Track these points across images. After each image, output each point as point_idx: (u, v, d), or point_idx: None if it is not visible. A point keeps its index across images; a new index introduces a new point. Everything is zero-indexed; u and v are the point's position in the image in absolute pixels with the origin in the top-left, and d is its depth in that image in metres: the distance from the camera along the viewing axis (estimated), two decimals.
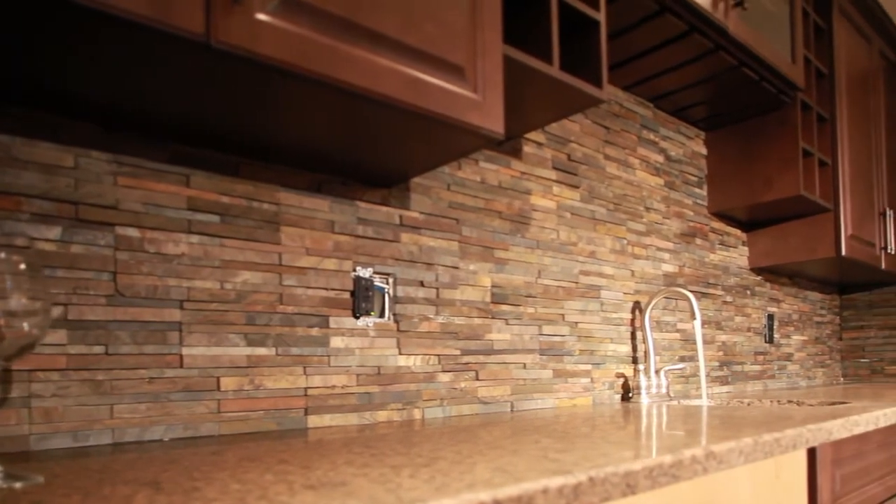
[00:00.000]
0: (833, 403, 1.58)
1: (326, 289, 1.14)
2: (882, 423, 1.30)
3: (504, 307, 1.43)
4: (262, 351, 1.06)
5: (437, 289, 1.31)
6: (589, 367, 1.65)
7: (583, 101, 1.18)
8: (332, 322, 1.15)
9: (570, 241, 1.59)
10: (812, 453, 1.13)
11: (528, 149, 1.48)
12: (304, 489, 0.54)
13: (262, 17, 0.70)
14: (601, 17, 1.16)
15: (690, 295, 1.65)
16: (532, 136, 1.49)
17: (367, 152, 1.03)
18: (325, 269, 1.14)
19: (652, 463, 0.67)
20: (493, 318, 1.41)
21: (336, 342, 1.15)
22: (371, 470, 0.63)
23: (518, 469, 0.61)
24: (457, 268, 1.34)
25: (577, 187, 1.61)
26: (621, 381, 1.75)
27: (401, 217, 1.24)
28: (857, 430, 1.19)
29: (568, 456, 0.69)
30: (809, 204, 2.02)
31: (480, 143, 0.98)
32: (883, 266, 2.49)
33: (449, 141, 0.97)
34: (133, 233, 0.92)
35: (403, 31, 0.83)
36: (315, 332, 1.13)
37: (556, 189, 1.55)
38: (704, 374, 1.92)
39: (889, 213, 2.50)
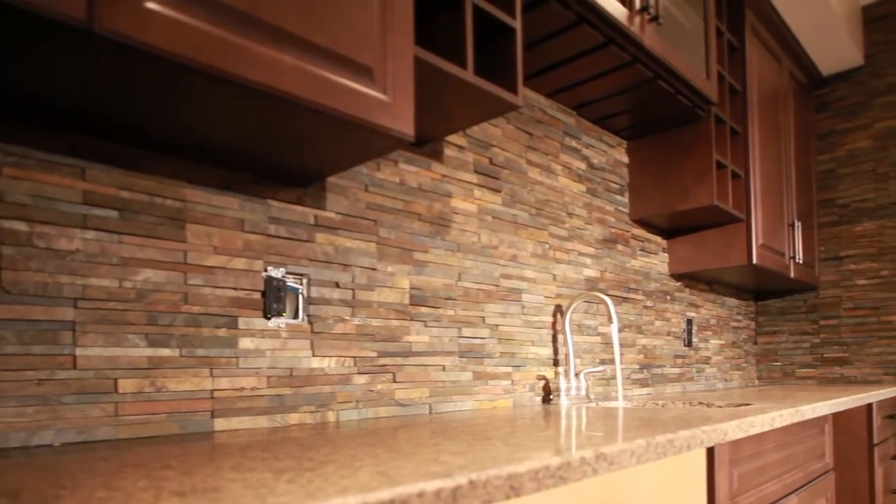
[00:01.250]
0: (739, 405, 1.65)
1: (235, 289, 1.11)
2: (777, 424, 1.36)
3: (423, 309, 1.44)
4: (164, 352, 1.03)
5: (354, 290, 1.30)
6: (509, 369, 1.67)
7: (499, 107, 1.20)
8: (242, 323, 1.12)
9: (491, 245, 1.61)
10: (711, 453, 1.18)
11: (449, 152, 1.49)
12: (171, 496, 0.52)
13: (151, 5, 0.68)
14: (517, 24, 1.18)
15: (607, 299, 1.69)
16: (453, 139, 1.50)
17: (277, 151, 1.01)
18: (235, 268, 1.11)
19: (538, 465, 0.68)
20: (411, 320, 1.41)
21: (245, 343, 1.13)
22: (253, 475, 0.61)
23: (402, 473, 0.61)
24: (374, 269, 1.33)
25: (498, 191, 1.63)
26: (542, 383, 1.78)
27: (316, 217, 1.22)
28: (753, 431, 1.24)
29: (459, 459, 0.70)
30: (723, 213, 2.11)
31: (392, 144, 0.98)
32: (792, 275, 2.63)
33: (359, 141, 0.97)
34: (20, 226, 0.88)
35: (309, 29, 0.82)
36: (223, 332, 1.10)
37: (477, 192, 1.56)
38: (621, 377, 1.98)
39: (797, 224, 2.64)
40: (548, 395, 1.79)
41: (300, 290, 1.22)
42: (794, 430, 1.60)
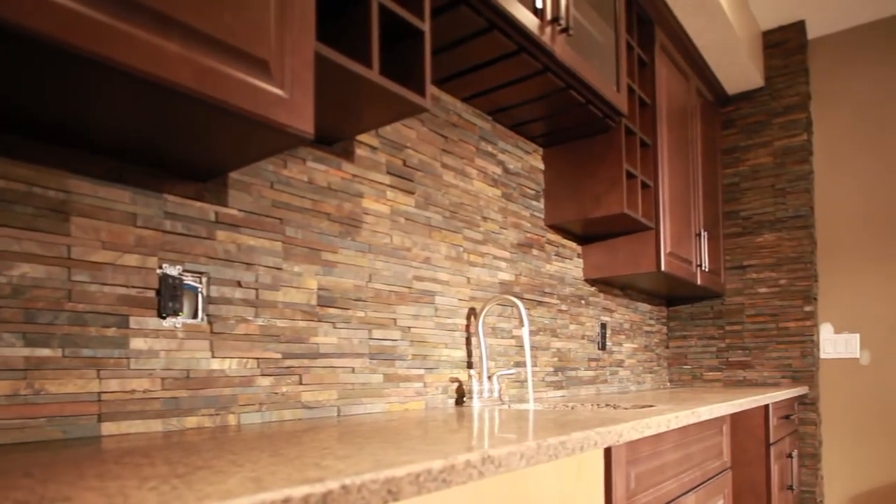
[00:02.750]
0: (643, 406, 1.71)
1: (126, 286, 1.07)
2: (674, 425, 1.41)
3: (332, 310, 1.42)
4: (44, 352, 0.97)
5: (257, 290, 1.27)
6: (422, 371, 1.67)
7: (407, 108, 1.20)
8: (133, 322, 1.08)
9: (403, 247, 1.61)
10: (608, 454, 1.20)
11: (360, 151, 1.48)
12: None
13: None
14: (426, 27, 1.19)
15: (519, 302, 1.72)
16: (365, 139, 1.49)
17: (171, 143, 0.98)
18: (126, 265, 1.06)
19: (419, 468, 0.67)
20: (319, 321, 1.39)
21: (137, 344, 1.08)
22: (115, 483, 0.59)
23: (276, 478, 0.59)
24: (280, 269, 1.31)
25: (412, 193, 1.63)
26: (455, 385, 1.79)
27: (216, 213, 1.19)
28: (649, 433, 1.28)
29: (343, 463, 0.68)
30: (633, 222, 2.20)
31: (291, 141, 0.96)
32: (699, 282, 2.76)
33: (256, 137, 0.95)
34: None
35: (198, 17, 0.80)
36: (112, 332, 1.05)
37: (390, 194, 1.56)
38: (532, 380, 2.02)
39: (704, 234, 2.78)
40: (461, 397, 1.80)
41: (199, 289, 1.18)
42: (693, 430, 1.66)
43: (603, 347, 2.63)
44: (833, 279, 3.06)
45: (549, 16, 1.51)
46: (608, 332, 2.68)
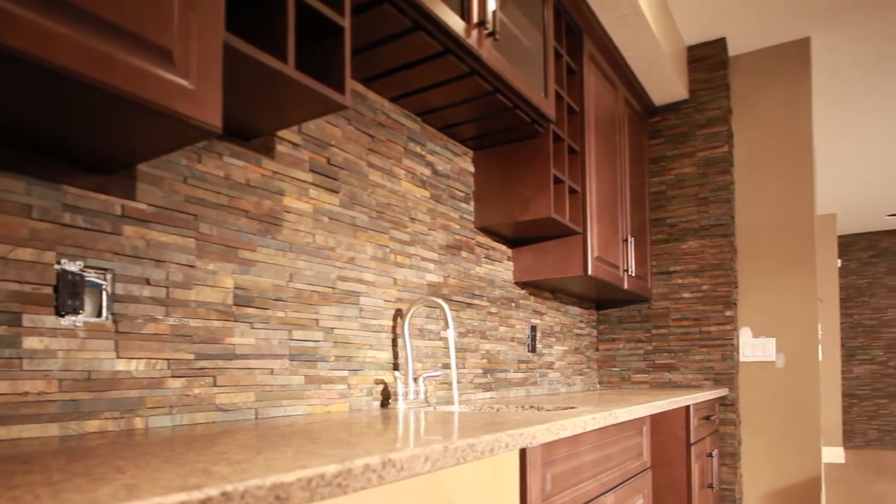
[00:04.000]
0: (566, 408, 1.73)
1: (19, 282, 1.01)
2: (590, 427, 1.42)
3: (249, 310, 1.38)
4: None
5: (168, 288, 1.22)
6: (346, 373, 1.65)
7: (326, 105, 1.18)
8: (27, 320, 1.02)
9: (327, 246, 1.58)
10: (524, 455, 1.20)
11: (281, 148, 1.45)
12: None
13: None
14: (346, 23, 1.18)
15: (444, 304, 1.73)
16: (286, 136, 1.46)
17: (69, 131, 0.93)
18: (19, 259, 1.00)
19: (311, 473, 0.65)
20: (235, 321, 1.35)
21: (31, 343, 1.02)
22: None
23: (154, 485, 0.56)
24: (193, 266, 1.26)
25: (336, 192, 1.61)
26: (381, 387, 1.77)
27: (123, 208, 1.14)
28: (564, 434, 1.28)
29: (233, 468, 0.66)
30: (561, 226, 2.24)
31: (197, 134, 0.93)
32: (626, 286, 2.84)
33: (160, 129, 0.91)
34: None
35: (94, 1, 0.76)
36: (2, 330, 0.99)
37: (313, 192, 1.54)
38: (456, 382, 2.02)
39: (631, 239, 2.86)
40: (386, 399, 1.79)
41: (103, 287, 1.13)
42: (612, 431, 1.69)
43: (533, 350, 2.66)
44: (752, 285, 3.21)
45: (475, 19, 1.52)
46: (538, 334, 2.72)
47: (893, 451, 7.61)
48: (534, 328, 2.67)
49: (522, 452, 1.20)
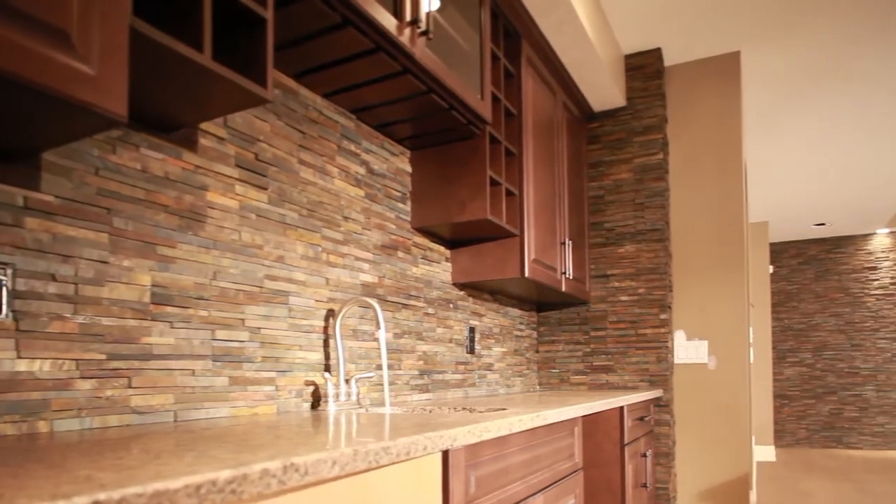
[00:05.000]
0: (498, 410, 1.73)
1: None
2: (517, 429, 1.41)
3: (169, 309, 1.33)
4: None
5: (77, 284, 1.16)
6: (273, 374, 1.61)
7: (247, 98, 1.15)
8: None
9: (254, 244, 1.54)
10: (446, 457, 1.18)
11: (205, 142, 1.41)
12: None
13: None
14: (269, 15, 1.15)
15: (375, 304, 1.71)
16: (211, 129, 1.42)
17: None
18: None
19: (200, 480, 0.61)
20: (153, 320, 1.30)
21: None
22: None
23: (22, 494, 0.51)
24: (105, 262, 1.21)
25: (265, 189, 1.57)
26: (311, 389, 1.74)
27: (25, 198, 1.08)
28: (488, 436, 1.27)
29: (117, 474, 0.62)
30: (497, 228, 2.25)
31: (100, 122, 0.89)
32: (563, 289, 2.88)
33: (60, 116, 0.87)
34: None
35: None
36: None
37: (239, 188, 1.50)
38: (388, 383, 2.01)
39: (569, 242, 2.90)
40: (317, 401, 1.76)
41: (3, 282, 1.07)
42: (542, 433, 1.70)
43: (472, 351, 2.67)
44: (685, 289, 3.30)
45: (408, 17, 1.51)
46: (477, 336, 2.73)
47: (821, 450, 7.97)
48: (472, 329, 2.67)
49: (445, 454, 1.19)
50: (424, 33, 1.55)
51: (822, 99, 3.98)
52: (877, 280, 7.92)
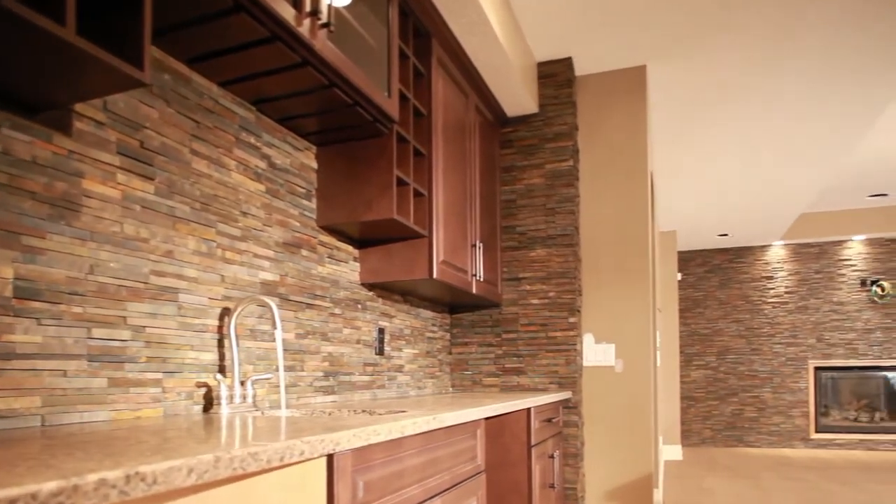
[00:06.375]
0: (397, 412, 1.70)
1: None
2: (409, 432, 1.38)
3: (35, 304, 1.23)
4: None
5: None
6: (160, 375, 1.53)
7: (122, 80, 1.08)
8: None
9: (139, 237, 1.46)
10: (331, 462, 1.14)
11: (81, 125, 1.32)
12: None
13: None
14: None
15: (272, 303, 1.65)
16: (88, 112, 1.33)
17: None
18: None
19: (18, 493, 0.54)
20: (16, 316, 1.20)
21: None
22: None
23: None
24: None
25: (151, 179, 1.49)
26: (203, 391, 1.66)
27: None
28: (376, 440, 1.23)
29: None
30: (405, 228, 2.23)
31: None
32: (474, 291, 2.89)
33: None
34: None
35: None
36: None
37: (121, 177, 1.41)
38: (284, 385, 1.95)
39: (480, 245, 2.93)
40: (210, 403, 1.68)
41: None
42: (441, 435, 1.66)
43: (381, 353, 2.64)
44: (594, 293, 3.40)
45: (307, 8, 1.47)
46: (387, 337, 2.70)
47: (724, 448, 8.42)
48: (382, 331, 2.64)
49: (330, 459, 1.15)
50: (326, 25, 1.52)
51: (725, 115, 4.21)
52: (773, 289, 8.46)
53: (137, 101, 1.45)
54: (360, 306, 2.47)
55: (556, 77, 3.36)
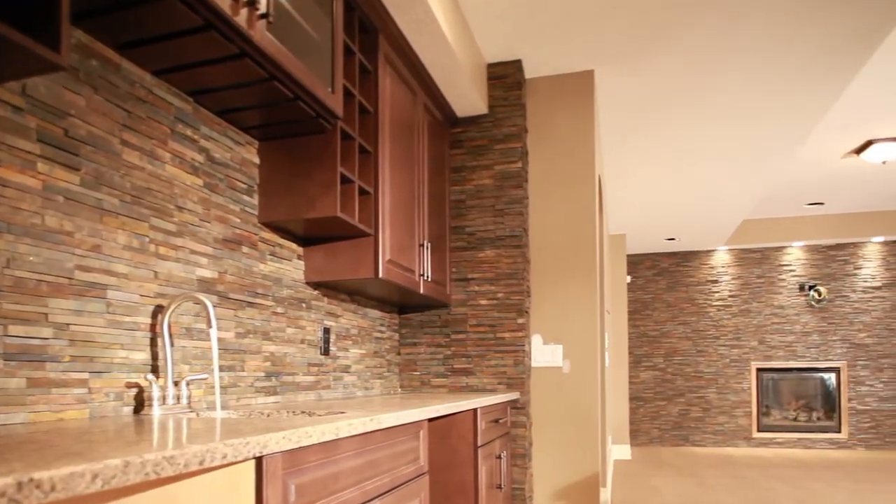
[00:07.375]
0: (336, 413, 1.66)
1: None
2: (345, 433, 1.35)
3: None
4: None
5: None
6: (86, 375, 1.46)
7: (35, 62, 1.03)
8: None
9: (62, 230, 1.39)
10: (260, 464, 1.11)
11: None
12: None
13: None
14: None
15: (207, 301, 1.60)
16: (5, 96, 1.26)
17: None
18: None
19: None
20: None
21: None
22: None
23: None
24: None
25: (77, 169, 1.42)
26: (134, 391, 1.60)
27: None
28: (308, 442, 1.20)
29: None
30: (350, 227, 2.20)
31: None
32: (422, 291, 2.88)
33: None
34: None
35: None
36: None
37: (42, 166, 1.34)
38: (219, 386, 1.90)
39: (427, 245, 2.92)
40: (141, 404, 1.62)
41: None
42: (379, 437, 1.63)
43: (326, 353, 2.59)
44: (542, 295, 3.43)
45: None
46: (333, 337, 2.66)
47: (671, 448, 8.62)
48: (327, 330, 2.60)
49: (259, 462, 1.11)
50: (265, 16, 1.48)
51: (669, 122, 4.32)
52: (717, 292, 8.72)
53: (61, 88, 1.38)
54: (304, 305, 2.42)
55: (505, 79, 3.38)
